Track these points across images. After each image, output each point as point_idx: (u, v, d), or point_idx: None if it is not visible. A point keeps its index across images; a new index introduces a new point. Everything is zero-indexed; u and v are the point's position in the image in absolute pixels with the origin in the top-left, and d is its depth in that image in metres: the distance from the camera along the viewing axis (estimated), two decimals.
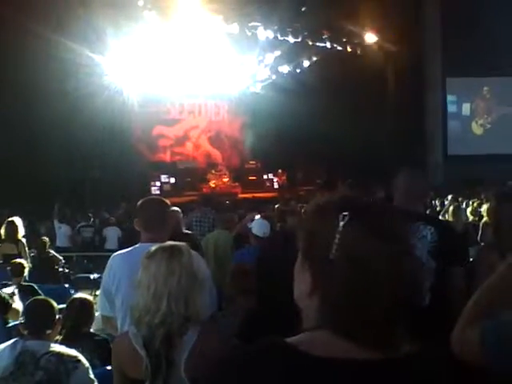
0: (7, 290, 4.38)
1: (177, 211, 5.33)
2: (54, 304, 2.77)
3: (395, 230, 0.92)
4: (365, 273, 0.87)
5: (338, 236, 0.88)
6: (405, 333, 0.89)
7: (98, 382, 2.52)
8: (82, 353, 2.57)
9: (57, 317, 2.74)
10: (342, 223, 0.89)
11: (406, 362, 0.88)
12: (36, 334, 2.56)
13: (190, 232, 5.77)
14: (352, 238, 0.88)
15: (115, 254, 2.75)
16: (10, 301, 4.25)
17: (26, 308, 2.81)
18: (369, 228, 0.90)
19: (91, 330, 3.35)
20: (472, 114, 21.89)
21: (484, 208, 7.13)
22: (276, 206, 9.59)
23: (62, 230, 10.60)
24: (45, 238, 8.01)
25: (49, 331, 2.63)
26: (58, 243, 10.21)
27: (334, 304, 0.89)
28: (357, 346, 0.87)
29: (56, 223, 10.60)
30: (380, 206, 0.97)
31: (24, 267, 5.42)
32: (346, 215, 0.89)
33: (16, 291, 4.47)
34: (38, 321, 2.63)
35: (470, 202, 9.97)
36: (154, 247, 2.04)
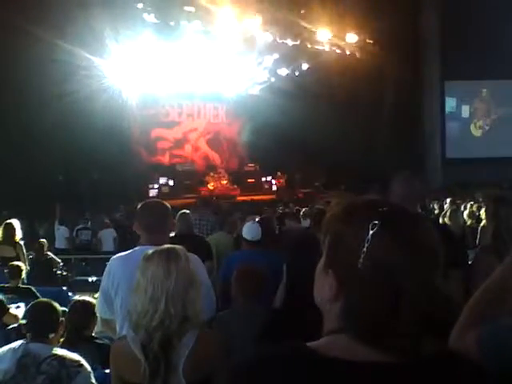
0: (15, 311, 4.32)
1: (189, 214, 5.37)
2: (58, 307, 2.73)
3: (425, 242, 0.90)
4: (392, 284, 0.85)
5: (366, 245, 0.87)
6: (424, 338, 0.88)
7: None
8: (84, 356, 2.55)
9: (60, 319, 2.71)
10: (371, 232, 0.87)
11: (424, 366, 0.87)
12: (39, 338, 2.53)
13: (201, 235, 5.79)
14: (381, 249, 0.86)
15: (114, 256, 2.74)
16: (8, 305, 4.23)
17: (28, 310, 2.76)
18: (399, 239, 0.87)
19: (93, 334, 3.33)
20: (471, 116, 21.93)
21: (482, 211, 7.12)
22: (277, 208, 9.59)
23: (61, 232, 10.60)
24: (43, 240, 7.99)
25: (52, 335, 2.60)
26: (57, 245, 10.20)
27: (357, 311, 0.88)
28: (376, 351, 0.87)
29: (56, 225, 10.62)
30: (410, 215, 0.94)
31: (21, 269, 5.40)
32: (375, 224, 0.88)
33: (22, 305, 4.41)
34: (41, 324, 2.60)
35: (468, 206, 9.98)
36: (151, 250, 2.05)
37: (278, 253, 4.28)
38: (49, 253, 7.62)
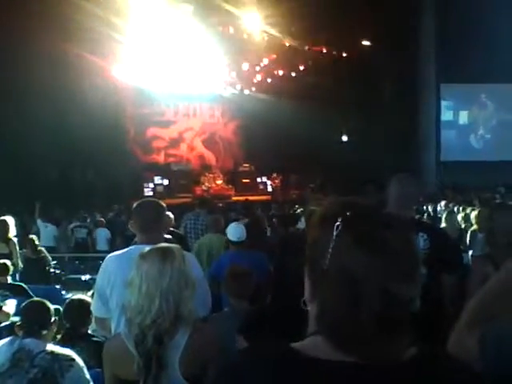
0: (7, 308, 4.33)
1: (169, 216, 5.36)
2: (50, 306, 2.80)
3: (388, 242, 0.87)
4: (352, 284, 0.85)
5: (331, 245, 0.87)
6: (396, 339, 0.88)
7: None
8: (80, 354, 2.57)
9: (52, 319, 2.76)
10: (335, 232, 0.88)
11: (392, 368, 0.87)
12: (32, 334, 2.60)
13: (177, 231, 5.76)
14: (342, 249, 0.87)
15: (110, 255, 2.73)
16: (1, 304, 4.23)
17: (22, 309, 2.84)
18: (359, 239, 0.87)
19: (89, 331, 3.33)
20: (469, 122, 21.78)
21: (474, 215, 7.05)
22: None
23: (49, 230, 10.36)
24: (32, 236, 7.82)
25: (45, 332, 2.66)
26: (43, 243, 9.96)
27: (326, 313, 0.89)
28: (346, 352, 0.87)
29: (40, 222, 10.26)
30: (379, 216, 0.93)
31: (8, 266, 5.37)
32: (339, 225, 0.88)
33: (13, 301, 4.42)
34: (35, 322, 2.67)
35: (461, 209, 9.99)
36: (147, 248, 2.05)
37: (262, 254, 4.28)
38: (42, 249, 7.53)
